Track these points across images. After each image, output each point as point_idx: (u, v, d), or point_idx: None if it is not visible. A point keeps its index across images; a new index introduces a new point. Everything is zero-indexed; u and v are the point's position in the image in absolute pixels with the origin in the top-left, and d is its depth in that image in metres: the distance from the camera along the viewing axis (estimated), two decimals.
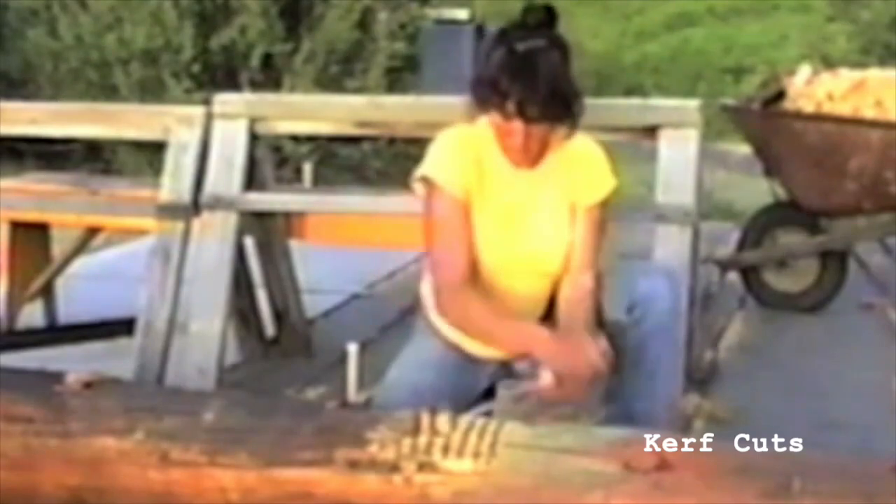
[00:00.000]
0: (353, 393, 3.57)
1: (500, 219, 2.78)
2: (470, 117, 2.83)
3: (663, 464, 2.16)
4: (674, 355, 2.88)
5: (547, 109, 2.68)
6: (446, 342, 2.85)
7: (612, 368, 2.66)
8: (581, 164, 2.84)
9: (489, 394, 2.92)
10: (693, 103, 3.68)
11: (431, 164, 2.79)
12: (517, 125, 2.69)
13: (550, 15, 2.76)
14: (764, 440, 2.32)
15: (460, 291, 2.72)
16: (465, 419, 2.36)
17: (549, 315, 2.83)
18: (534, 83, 2.66)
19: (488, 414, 2.67)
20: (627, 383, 2.78)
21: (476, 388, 2.81)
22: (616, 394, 2.81)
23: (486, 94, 2.71)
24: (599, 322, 2.80)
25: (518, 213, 2.80)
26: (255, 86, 8.45)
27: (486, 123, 2.78)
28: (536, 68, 2.66)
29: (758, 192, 5.42)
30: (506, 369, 2.90)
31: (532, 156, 2.77)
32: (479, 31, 9.96)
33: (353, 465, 2.28)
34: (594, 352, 2.60)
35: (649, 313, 2.75)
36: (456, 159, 2.78)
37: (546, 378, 2.62)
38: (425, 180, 2.79)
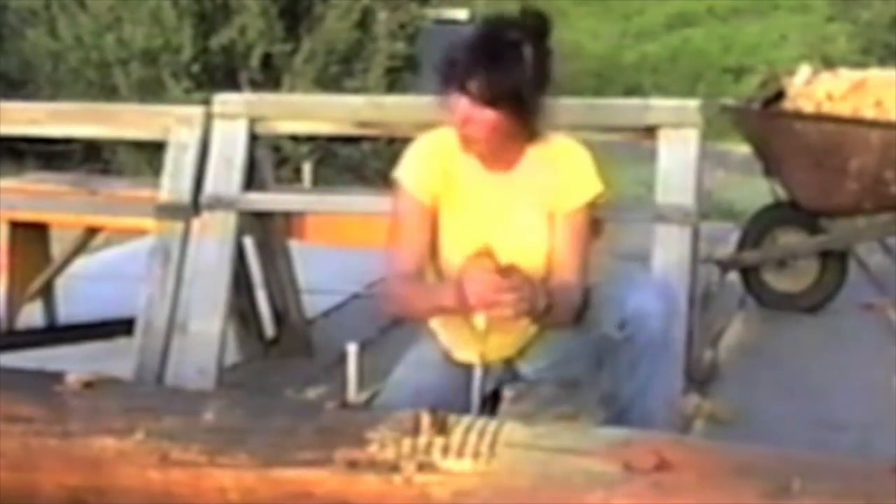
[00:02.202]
0: (352, 393, 3.57)
1: (473, 224, 2.74)
2: (442, 108, 2.72)
3: (663, 464, 2.15)
4: (666, 372, 2.79)
5: (489, 90, 2.58)
6: (444, 348, 2.85)
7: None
8: (561, 168, 2.76)
9: (495, 397, 2.92)
10: (693, 103, 3.68)
11: (402, 167, 2.80)
12: (462, 102, 2.61)
13: (544, 22, 2.68)
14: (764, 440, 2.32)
15: (393, 286, 2.77)
16: (465, 419, 2.36)
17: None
18: (485, 62, 2.59)
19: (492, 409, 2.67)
20: (619, 399, 2.76)
21: (479, 391, 2.80)
22: (608, 407, 2.79)
23: (444, 67, 2.65)
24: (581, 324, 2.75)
25: (492, 219, 2.75)
26: (255, 86, 8.46)
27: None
28: (497, 52, 2.60)
29: (758, 192, 5.42)
30: (511, 372, 2.89)
31: (480, 145, 2.68)
32: None
33: (353, 465, 2.28)
34: (500, 288, 2.51)
35: (640, 331, 2.67)
36: (425, 164, 2.77)
37: (479, 320, 2.59)
38: (396, 182, 2.80)
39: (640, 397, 2.73)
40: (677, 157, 3.56)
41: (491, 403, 2.89)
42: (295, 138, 7.79)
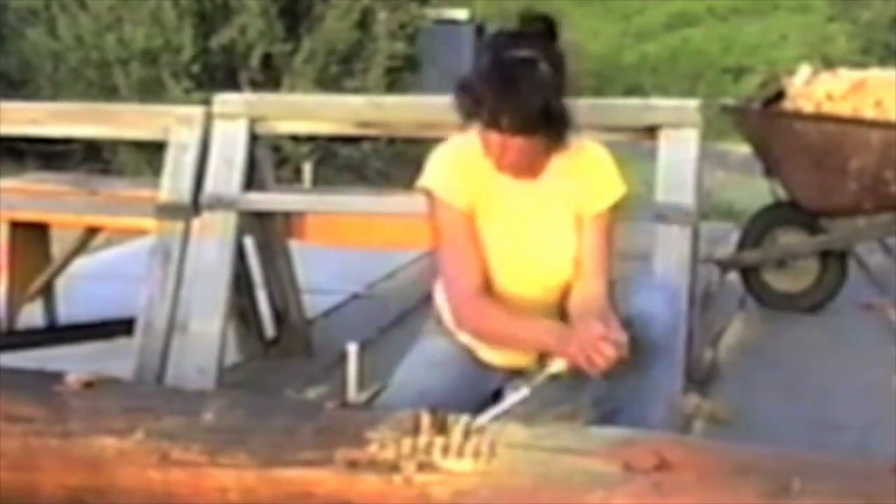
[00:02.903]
0: (353, 393, 3.57)
1: (503, 231, 2.74)
2: (462, 123, 2.71)
3: (663, 464, 2.15)
4: (663, 377, 2.77)
5: (521, 121, 2.58)
6: (460, 347, 2.83)
7: (628, 355, 2.58)
8: (587, 172, 2.76)
9: (497, 397, 2.92)
10: (693, 103, 3.68)
11: (432, 177, 2.75)
12: (493, 136, 2.61)
13: (549, 25, 2.65)
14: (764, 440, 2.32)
15: (475, 302, 2.70)
16: (464, 419, 2.36)
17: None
18: (509, 94, 2.56)
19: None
20: (611, 401, 2.74)
21: (485, 392, 2.79)
22: (600, 407, 2.79)
23: (466, 102, 2.63)
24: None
25: (522, 225, 2.75)
26: (255, 86, 8.46)
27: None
28: (516, 79, 2.57)
29: (758, 192, 5.42)
30: (517, 374, 2.89)
31: (518, 167, 2.69)
32: (479, 31, 9.99)
33: (353, 465, 2.28)
34: (608, 339, 2.53)
35: (643, 333, 2.65)
36: (455, 172, 2.74)
37: (559, 364, 2.59)
38: (427, 192, 2.75)
39: (632, 400, 2.72)
40: (677, 157, 3.56)
41: (493, 402, 2.89)
42: (295, 138, 7.78)
